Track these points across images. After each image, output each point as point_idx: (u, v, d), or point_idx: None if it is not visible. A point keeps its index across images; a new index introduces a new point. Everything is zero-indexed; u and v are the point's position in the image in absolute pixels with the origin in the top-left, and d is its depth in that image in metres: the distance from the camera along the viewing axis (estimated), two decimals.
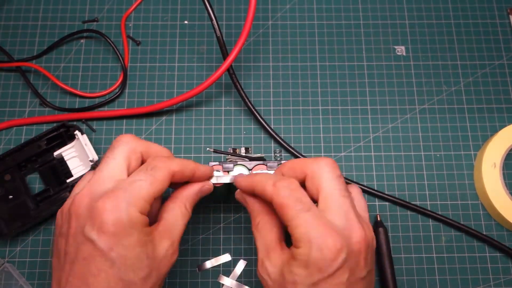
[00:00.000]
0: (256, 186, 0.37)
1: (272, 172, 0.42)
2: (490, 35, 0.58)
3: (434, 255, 0.50)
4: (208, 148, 0.44)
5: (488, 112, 0.55)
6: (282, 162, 0.43)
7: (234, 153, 0.44)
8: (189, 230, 0.50)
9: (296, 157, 0.52)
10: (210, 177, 0.41)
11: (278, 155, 0.45)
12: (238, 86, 0.52)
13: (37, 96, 0.55)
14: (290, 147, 0.52)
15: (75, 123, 0.53)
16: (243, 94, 0.52)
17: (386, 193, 0.51)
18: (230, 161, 0.44)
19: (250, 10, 0.47)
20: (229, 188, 0.43)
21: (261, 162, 0.43)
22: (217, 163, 0.43)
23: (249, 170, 0.43)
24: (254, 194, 0.38)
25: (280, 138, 0.53)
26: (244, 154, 0.44)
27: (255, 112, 0.53)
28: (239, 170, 0.43)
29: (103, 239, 0.32)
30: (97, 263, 0.32)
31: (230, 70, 0.51)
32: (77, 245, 0.33)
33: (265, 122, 0.53)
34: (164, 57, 0.57)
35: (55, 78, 0.55)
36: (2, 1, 0.59)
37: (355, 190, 0.40)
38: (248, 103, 0.53)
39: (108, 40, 0.56)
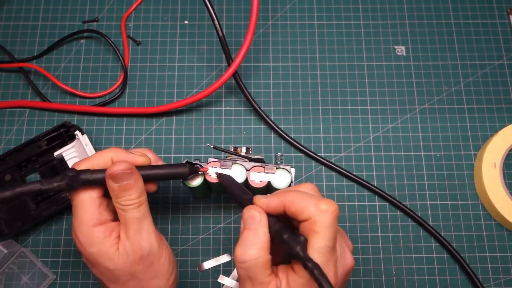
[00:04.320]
0: (292, 205, 0.34)
1: (270, 175, 0.43)
2: (490, 35, 0.58)
3: (434, 255, 0.50)
4: (208, 144, 0.45)
5: (488, 112, 0.55)
6: (281, 166, 0.43)
7: (235, 152, 0.44)
8: (189, 230, 0.50)
9: (306, 154, 0.53)
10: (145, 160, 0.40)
11: (279, 158, 0.45)
12: (243, 87, 0.52)
13: (40, 95, 0.55)
14: (301, 145, 0.52)
15: (75, 122, 0.53)
16: (248, 95, 0.53)
17: (387, 192, 0.51)
18: (229, 159, 0.44)
19: (253, 12, 0.47)
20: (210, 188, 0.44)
21: (259, 164, 0.43)
22: (216, 159, 0.43)
23: (247, 170, 0.43)
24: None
25: (290, 137, 0.53)
26: (243, 154, 0.44)
27: (261, 112, 0.53)
28: (237, 169, 0.43)
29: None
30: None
31: (237, 74, 0.52)
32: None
33: (273, 123, 0.53)
34: (164, 57, 0.57)
35: (55, 79, 0.55)
36: (2, 1, 0.59)
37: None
38: (254, 104, 0.53)
39: (109, 40, 0.56)
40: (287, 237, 0.33)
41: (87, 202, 0.36)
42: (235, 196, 0.39)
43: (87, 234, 0.36)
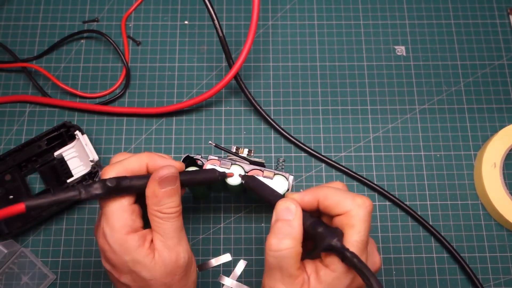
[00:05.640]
0: (326, 199, 0.35)
1: (268, 180, 0.43)
2: (490, 35, 0.58)
3: (434, 255, 0.50)
4: (210, 142, 0.45)
5: (488, 112, 0.55)
6: (280, 173, 0.43)
7: (236, 152, 0.44)
8: (189, 230, 0.50)
9: (307, 153, 0.53)
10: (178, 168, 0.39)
11: (280, 164, 0.45)
12: (243, 87, 0.53)
13: (42, 92, 0.55)
14: (302, 144, 0.52)
15: (75, 123, 0.53)
16: (248, 95, 0.53)
17: (389, 191, 0.51)
18: (229, 159, 0.44)
19: (254, 14, 0.47)
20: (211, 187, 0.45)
21: (258, 167, 0.43)
22: (216, 158, 0.43)
23: (246, 172, 0.43)
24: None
25: (291, 136, 0.53)
26: (244, 156, 0.44)
27: (262, 111, 0.53)
28: (236, 169, 0.43)
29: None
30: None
31: (237, 74, 0.52)
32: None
33: (275, 122, 0.53)
34: (164, 57, 0.57)
35: (55, 79, 0.55)
36: (2, 1, 0.59)
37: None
38: (255, 103, 0.53)
39: (109, 39, 0.56)
40: (322, 229, 0.33)
41: (120, 209, 0.35)
42: (264, 193, 0.39)
43: (122, 242, 0.35)
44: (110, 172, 0.36)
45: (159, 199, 0.35)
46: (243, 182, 0.42)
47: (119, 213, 0.35)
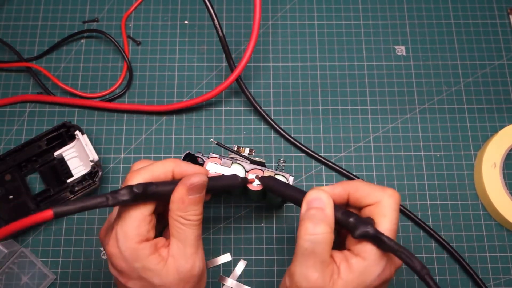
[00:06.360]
0: (357, 191, 0.35)
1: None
2: (490, 35, 0.58)
3: (434, 255, 0.50)
4: (211, 140, 0.45)
5: (488, 112, 0.55)
6: (281, 173, 0.43)
7: (237, 151, 0.44)
8: None
9: (307, 154, 0.53)
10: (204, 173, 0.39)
11: (281, 165, 0.44)
12: (244, 87, 0.53)
13: (44, 89, 0.55)
14: (302, 145, 0.52)
15: (75, 123, 0.53)
16: (249, 95, 0.53)
17: None
18: (230, 157, 0.44)
19: (256, 16, 0.47)
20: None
21: (259, 167, 0.43)
22: (217, 156, 0.43)
23: (246, 171, 0.43)
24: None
25: (291, 136, 0.53)
26: (245, 155, 0.44)
27: (262, 112, 0.53)
28: (236, 169, 0.43)
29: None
30: None
31: (239, 77, 0.52)
32: None
33: (275, 123, 0.53)
34: (164, 57, 0.57)
35: (56, 79, 0.55)
36: (2, 1, 0.59)
37: None
38: (255, 104, 0.53)
39: (109, 37, 0.56)
40: (354, 219, 0.33)
41: (138, 218, 0.34)
42: (287, 191, 0.39)
43: (133, 250, 0.34)
44: (136, 178, 0.35)
45: (185, 205, 0.35)
46: (261, 182, 0.42)
47: (136, 221, 0.34)
